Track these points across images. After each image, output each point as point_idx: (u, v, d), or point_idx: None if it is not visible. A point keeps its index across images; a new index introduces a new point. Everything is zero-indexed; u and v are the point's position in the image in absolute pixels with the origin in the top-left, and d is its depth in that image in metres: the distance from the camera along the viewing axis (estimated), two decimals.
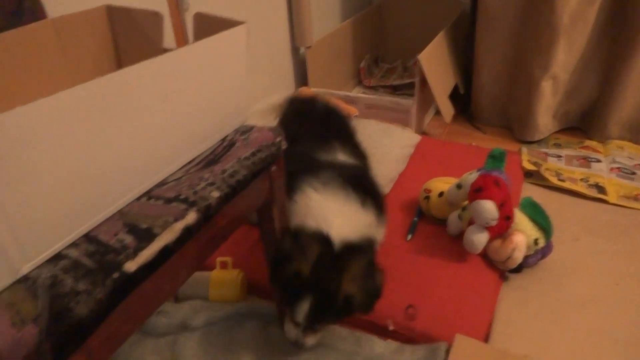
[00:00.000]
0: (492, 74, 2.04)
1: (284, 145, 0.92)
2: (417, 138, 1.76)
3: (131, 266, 0.62)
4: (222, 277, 1.19)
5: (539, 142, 2.01)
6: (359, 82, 2.48)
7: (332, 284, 0.91)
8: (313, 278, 0.91)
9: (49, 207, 0.58)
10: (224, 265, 1.22)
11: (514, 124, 2.06)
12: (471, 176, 1.26)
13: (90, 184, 0.63)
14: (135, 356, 1.06)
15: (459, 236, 1.31)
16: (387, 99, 1.96)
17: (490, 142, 1.98)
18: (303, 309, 0.92)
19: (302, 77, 2.11)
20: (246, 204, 0.87)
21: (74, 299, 0.56)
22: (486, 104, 2.11)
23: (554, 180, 1.65)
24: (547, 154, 1.89)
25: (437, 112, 2.17)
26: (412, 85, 1.94)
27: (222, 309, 1.14)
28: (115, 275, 0.60)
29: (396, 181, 1.58)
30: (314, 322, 0.96)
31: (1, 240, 0.53)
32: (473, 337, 1.03)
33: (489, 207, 1.16)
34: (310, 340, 0.99)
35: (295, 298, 0.93)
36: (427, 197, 1.40)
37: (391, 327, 1.10)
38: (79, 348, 0.57)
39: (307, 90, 1.90)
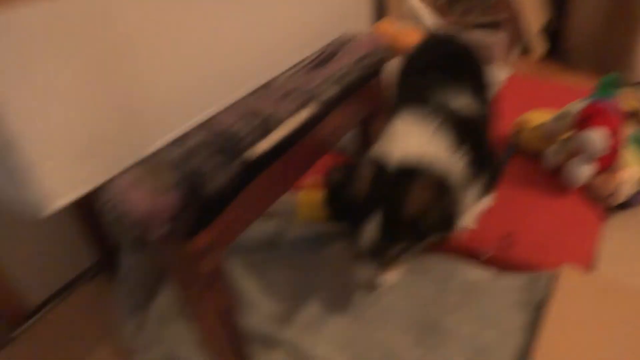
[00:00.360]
0: (589, 9, 1.87)
1: (387, 57, 0.87)
2: (506, 73, 1.66)
3: (257, 149, 0.60)
4: (310, 197, 1.18)
5: (637, 84, 1.85)
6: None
7: (395, 198, 0.79)
8: (373, 194, 0.80)
9: (171, 91, 0.57)
10: (312, 186, 1.20)
11: (611, 63, 1.90)
12: (577, 105, 1.17)
13: (208, 71, 0.62)
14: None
15: (555, 170, 1.23)
16: (474, 33, 1.86)
17: (583, 84, 1.84)
18: (368, 233, 0.80)
19: (379, 10, 2.02)
20: (352, 112, 0.84)
21: (204, 176, 0.55)
22: (580, 43, 1.96)
23: None
24: None
25: (524, 51, 2.03)
26: (494, 25, 1.82)
27: (310, 229, 1.14)
28: (239, 159, 0.59)
29: None
30: (384, 248, 0.83)
31: (130, 118, 0.53)
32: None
33: (597, 137, 1.08)
34: (386, 277, 0.87)
35: (357, 222, 0.81)
36: (520, 131, 1.32)
37: (485, 256, 1.05)
38: (207, 226, 0.57)
39: (386, 25, 1.81)
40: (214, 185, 0.55)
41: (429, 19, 1.65)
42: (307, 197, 1.20)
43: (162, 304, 1.03)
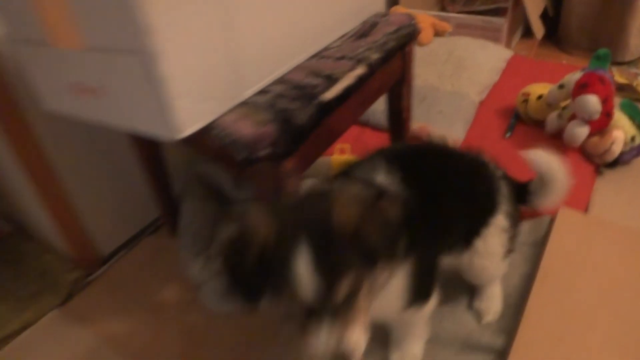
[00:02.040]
0: None
1: (418, 29, 1.04)
2: (509, 53, 1.83)
3: (326, 96, 0.77)
4: (341, 159, 1.35)
5: (628, 63, 2.02)
6: (442, 9, 2.52)
7: (320, 211, 0.60)
8: (297, 213, 0.62)
9: (261, 51, 0.74)
10: (342, 152, 1.38)
11: (604, 44, 2.06)
12: (575, 75, 1.34)
13: (280, 37, 0.79)
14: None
15: (557, 135, 1.40)
16: (478, 18, 2.02)
17: (578, 63, 2.01)
18: (302, 270, 0.57)
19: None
20: (389, 76, 1.01)
21: (292, 113, 0.72)
22: (575, 26, 2.13)
23: None
24: (637, 74, 1.91)
25: (523, 35, 2.20)
26: (497, 12, 1.98)
27: None
28: (315, 102, 0.76)
29: (490, 90, 1.67)
30: (335, 290, 0.58)
31: (234, 70, 0.70)
32: None
33: (593, 101, 1.25)
34: (356, 333, 0.61)
35: (284, 263, 0.57)
36: (525, 100, 1.49)
37: None
38: (292, 154, 0.74)
39: (400, 9, 1.98)
40: (298, 122, 0.72)
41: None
42: (338, 159, 1.37)
43: None
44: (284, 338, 0.87)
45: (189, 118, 0.66)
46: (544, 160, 0.92)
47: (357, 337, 0.60)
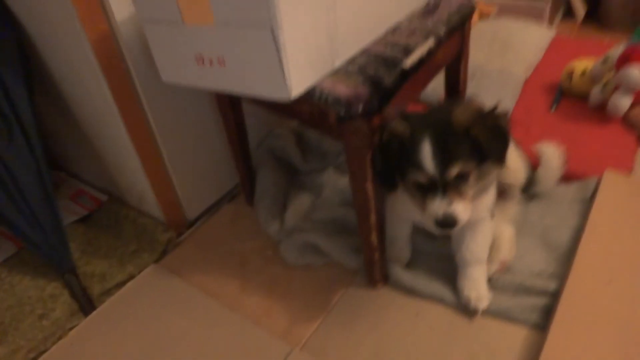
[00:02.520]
0: None
1: (475, 7, 1.16)
2: (551, 33, 1.92)
3: (406, 63, 0.90)
4: None
5: None
6: None
7: (443, 115, 0.86)
8: (426, 119, 0.88)
9: (346, 27, 0.87)
10: None
11: None
12: (618, 49, 1.43)
13: (365, 15, 0.92)
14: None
15: (600, 108, 1.50)
16: (521, 0, 2.11)
17: (620, 41, 2.07)
18: (426, 151, 0.83)
19: None
20: (451, 49, 1.13)
21: (380, 77, 0.86)
22: (616, 4, 2.19)
23: None
24: None
25: (565, 16, 2.28)
26: None
27: None
28: (397, 68, 0.89)
29: (535, 68, 1.77)
30: (448, 169, 0.83)
31: (326, 45, 0.83)
32: None
33: (635, 73, 1.35)
34: (460, 207, 0.85)
35: (415, 148, 0.84)
36: (570, 76, 1.58)
37: None
38: (379, 112, 0.87)
39: None
40: (385, 85, 0.85)
41: None
42: None
43: (295, 211, 1.35)
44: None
45: (298, 81, 0.81)
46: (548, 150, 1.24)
47: (462, 209, 0.85)
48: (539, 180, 1.25)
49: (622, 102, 1.39)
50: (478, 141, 0.83)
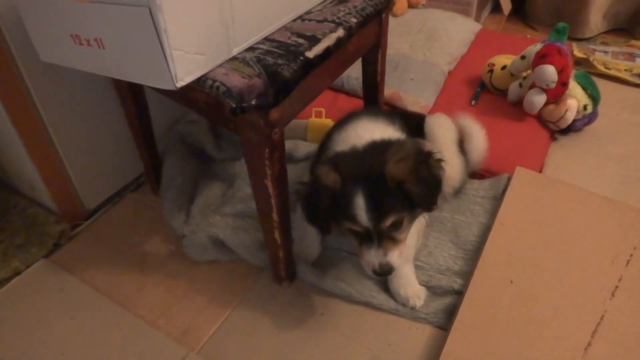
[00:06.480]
0: None
1: None
2: (477, 26, 1.92)
3: (310, 54, 0.84)
4: (318, 123, 1.42)
5: (587, 39, 2.14)
6: None
7: (375, 164, 0.83)
8: (357, 168, 0.85)
9: (245, 12, 0.80)
10: (318, 114, 1.45)
11: (565, 21, 2.18)
12: (535, 47, 1.44)
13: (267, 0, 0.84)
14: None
15: (518, 103, 1.51)
16: None
17: (541, 37, 2.12)
18: (359, 205, 0.82)
19: None
20: (366, 40, 1.08)
21: (278, 67, 0.79)
22: (540, 3, 2.23)
23: (600, 68, 1.82)
24: (594, 50, 2.04)
25: (492, 11, 2.30)
26: None
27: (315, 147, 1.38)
28: (300, 58, 0.83)
29: (459, 61, 1.76)
30: (382, 221, 0.83)
31: (220, 31, 0.76)
32: None
33: (550, 71, 1.36)
34: (395, 255, 0.86)
35: (348, 201, 0.83)
36: (491, 71, 1.59)
37: None
38: (278, 105, 0.80)
39: None
40: (283, 76, 0.78)
41: None
42: (314, 123, 1.44)
43: (203, 203, 1.27)
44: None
45: (185, 69, 0.72)
46: (469, 124, 1.23)
47: (396, 257, 0.86)
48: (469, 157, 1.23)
49: (537, 100, 1.41)
50: (411, 194, 0.83)
